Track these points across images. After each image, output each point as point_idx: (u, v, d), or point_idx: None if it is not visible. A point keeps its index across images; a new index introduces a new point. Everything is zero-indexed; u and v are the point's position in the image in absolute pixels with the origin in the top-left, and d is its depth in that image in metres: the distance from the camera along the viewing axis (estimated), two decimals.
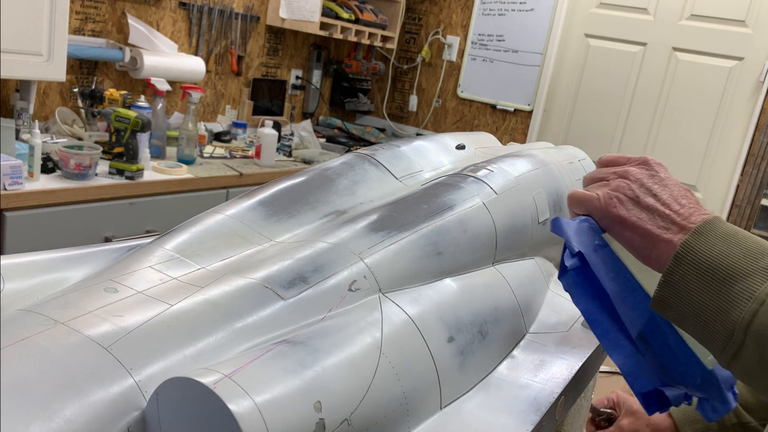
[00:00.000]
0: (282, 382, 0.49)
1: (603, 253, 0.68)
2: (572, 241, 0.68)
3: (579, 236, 0.68)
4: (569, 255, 0.69)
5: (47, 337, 0.50)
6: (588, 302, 0.69)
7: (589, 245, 0.68)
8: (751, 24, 2.91)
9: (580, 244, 0.68)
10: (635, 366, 0.68)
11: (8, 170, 1.81)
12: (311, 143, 3.18)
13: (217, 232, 0.73)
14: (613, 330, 0.69)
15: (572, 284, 0.69)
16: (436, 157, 1.04)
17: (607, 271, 0.68)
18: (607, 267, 0.68)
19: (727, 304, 0.53)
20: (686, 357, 0.68)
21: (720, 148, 3.02)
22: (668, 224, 0.60)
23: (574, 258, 0.68)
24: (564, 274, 0.69)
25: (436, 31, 3.73)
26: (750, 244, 0.55)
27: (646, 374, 0.68)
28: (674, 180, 0.64)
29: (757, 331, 0.51)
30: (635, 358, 0.68)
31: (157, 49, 2.67)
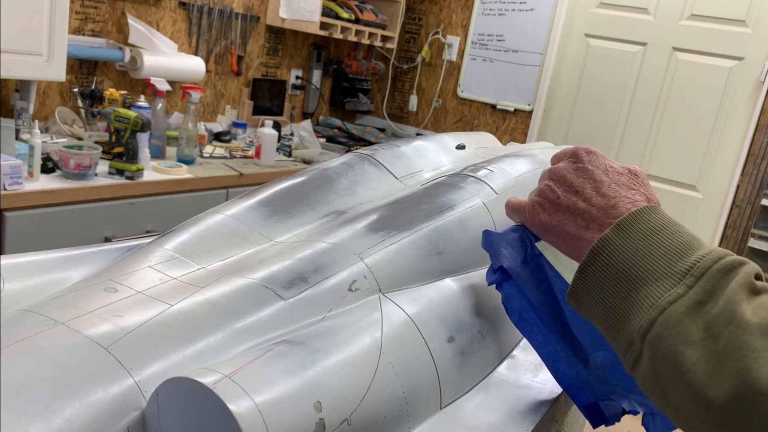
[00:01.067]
0: (282, 382, 0.49)
1: (534, 265, 0.66)
2: (499, 255, 0.66)
3: (509, 249, 0.66)
4: (491, 271, 0.68)
5: (47, 337, 0.50)
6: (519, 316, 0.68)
7: (517, 258, 0.65)
8: (751, 24, 2.91)
9: (508, 258, 0.66)
10: (574, 379, 0.67)
11: (8, 170, 1.81)
12: (311, 143, 3.18)
13: (217, 232, 0.73)
14: (550, 342, 0.67)
15: (505, 297, 0.68)
16: (436, 157, 1.04)
17: (538, 282, 0.66)
18: (538, 278, 0.66)
19: (632, 308, 0.48)
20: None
21: (720, 148, 3.02)
22: (588, 222, 0.55)
23: (496, 274, 0.67)
24: (499, 287, 0.68)
25: (436, 31, 3.73)
26: (674, 243, 0.49)
27: (586, 387, 0.67)
28: (606, 165, 0.58)
29: (652, 341, 0.46)
30: (575, 371, 0.67)
31: (157, 49, 2.67)
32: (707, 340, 0.43)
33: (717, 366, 0.42)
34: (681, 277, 0.47)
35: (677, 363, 0.44)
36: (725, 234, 2.99)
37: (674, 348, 0.45)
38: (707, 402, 0.42)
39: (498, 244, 0.66)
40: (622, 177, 0.57)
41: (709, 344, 0.43)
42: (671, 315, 0.46)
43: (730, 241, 2.98)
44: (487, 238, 0.68)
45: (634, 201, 0.54)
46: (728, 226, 2.99)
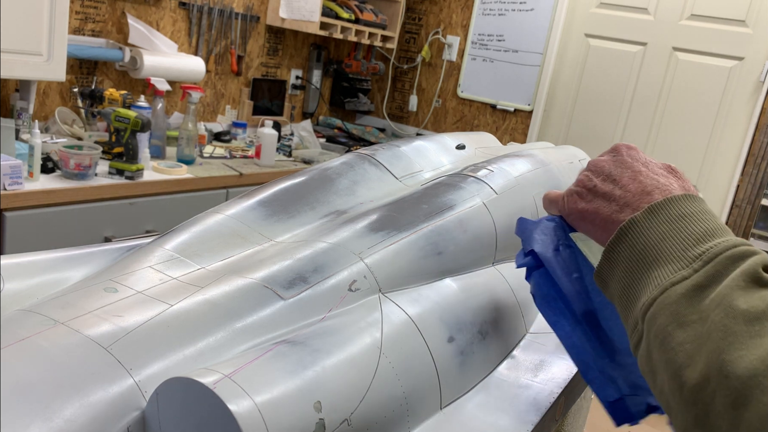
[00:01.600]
0: (282, 382, 0.49)
1: (567, 254, 0.66)
2: (531, 240, 0.66)
3: (542, 235, 0.66)
4: (522, 254, 0.67)
5: (47, 337, 0.50)
6: (547, 304, 0.67)
7: (550, 245, 0.66)
8: (751, 24, 2.91)
9: (541, 244, 0.66)
10: (599, 373, 0.65)
11: (8, 170, 1.81)
12: (311, 143, 3.18)
13: (217, 232, 0.73)
14: (575, 334, 0.66)
15: (534, 285, 0.67)
16: (436, 157, 1.03)
17: (569, 271, 0.65)
18: (569, 267, 0.65)
19: (642, 289, 0.49)
20: None
21: (720, 148, 3.02)
22: (622, 207, 0.55)
23: (527, 257, 0.67)
24: (529, 276, 0.68)
25: (436, 31, 3.73)
26: (697, 229, 0.49)
27: (612, 383, 0.65)
28: (645, 159, 0.59)
29: (649, 320, 0.47)
30: (601, 365, 0.65)
31: (157, 49, 2.67)
32: (697, 323, 0.43)
33: (697, 348, 0.42)
34: (691, 261, 0.47)
35: (664, 342, 0.44)
36: None
37: (664, 327, 0.45)
38: (681, 382, 0.42)
39: (532, 230, 0.67)
40: (661, 170, 0.58)
41: (698, 327, 0.43)
42: (669, 295, 0.46)
43: None
44: (521, 225, 0.68)
45: (670, 189, 0.54)
46: (728, 226, 2.98)
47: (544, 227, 0.66)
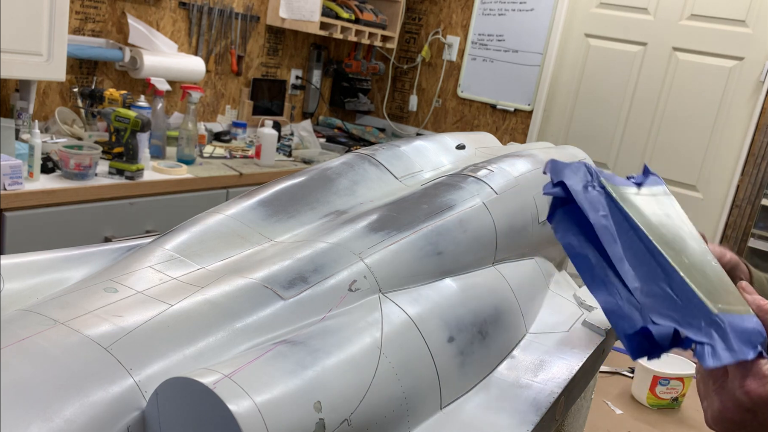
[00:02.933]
0: (282, 382, 0.49)
1: (596, 193, 0.66)
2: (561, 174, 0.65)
3: (572, 173, 0.66)
4: (550, 185, 0.66)
5: (47, 337, 0.50)
6: (573, 237, 0.65)
7: (580, 182, 0.65)
8: (751, 24, 2.91)
9: (570, 178, 0.65)
10: (620, 305, 0.62)
11: (8, 170, 1.81)
12: (311, 143, 3.18)
13: (217, 232, 0.73)
14: (599, 267, 0.63)
15: (559, 221, 0.65)
16: (436, 157, 1.03)
17: (597, 207, 0.65)
18: (597, 205, 0.65)
19: None
20: (687, 299, 0.62)
21: (720, 148, 3.02)
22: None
23: (556, 188, 0.65)
24: (553, 214, 0.66)
25: (436, 31, 3.73)
26: None
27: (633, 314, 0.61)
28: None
29: None
30: (622, 296, 0.62)
31: (157, 49, 2.67)
32: None
33: None
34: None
35: None
36: (725, 234, 2.99)
37: None
38: None
39: (562, 168, 0.66)
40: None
41: None
42: None
43: (730, 241, 2.98)
44: (552, 164, 0.67)
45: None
46: (728, 226, 2.98)
47: (575, 167, 0.66)
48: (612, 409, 1.48)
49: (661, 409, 1.53)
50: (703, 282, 0.65)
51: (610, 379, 1.62)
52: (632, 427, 1.42)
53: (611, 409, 1.47)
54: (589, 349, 0.83)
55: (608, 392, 1.55)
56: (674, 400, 1.54)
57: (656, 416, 1.49)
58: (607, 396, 1.53)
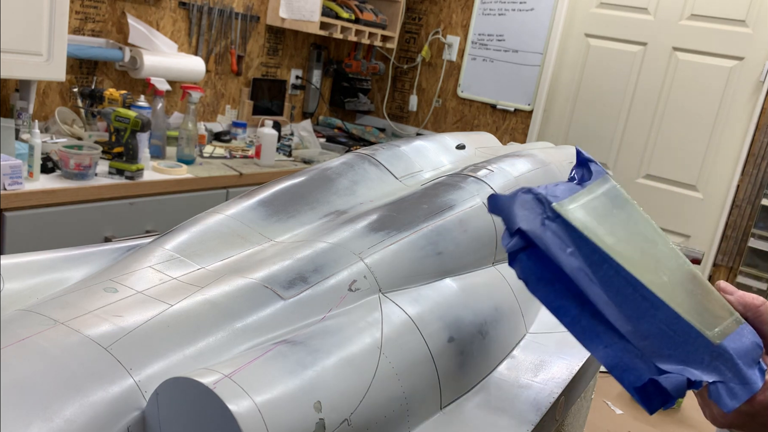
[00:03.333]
0: (282, 382, 0.49)
1: (555, 226, 0.58)
2: (513, 217, 0.58)
3: (522, 210, 0.59)
4: (507, 235, 0.59)
5: (47, 337, 0.50)
6: (546, 288, 0.58)
7: (535, 219, 0.58)
8: (751, 24, 2.91)
9: (525, 220, 0.58)
10: (620, 356, 0.57)
11: (8, 170, 1.81)
12: (311, 143, 3.18)
13: (217, 232, 0.73)
14: (584, 316, 0.58)
15: (525, 269, 0.59)
16: (436, 157, 1.03)
17: (563, 246, 0.58)
18: (562, 242, 0.58)
19: None
20: (684, 333, 0.58)
21: (720, 148, 3.02)
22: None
23: (514, 237, 0.58)
24: (513, 260, 0.59)
25: (436, 30, 3.73)
26: None
27: (636, 364, 0.57)
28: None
29: None
30: (619, 347, 0.57)
31: (157, 48, 2.67)
32: None
33: None
34: None
35: None
36: (725, 234, 2.99)
37: None
38: None
39: (509, 205, 0.59)
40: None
41: None
42: None
43: (730, 241, 2.98)
44: (494, 202, 0.60)
45: None
46: (728, 226, 2.98)
47: (522, 201, 0.59)
48: (612, 409, 1.48)
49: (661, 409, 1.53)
50: (690, 302, 0.60)
51: (610, 379, 1.62)
52: (632, 427, 1.42)
53: (611, 409, 1.47)
54: None
55: (608, 392, 1.55)
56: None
57: (656, 416, 1.49)
58: (607, 396, 1.53)
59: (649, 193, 3.19)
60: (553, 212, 0.59)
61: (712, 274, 3.05)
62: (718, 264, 3.02)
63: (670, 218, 3.13)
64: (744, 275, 2.93)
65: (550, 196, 0.59)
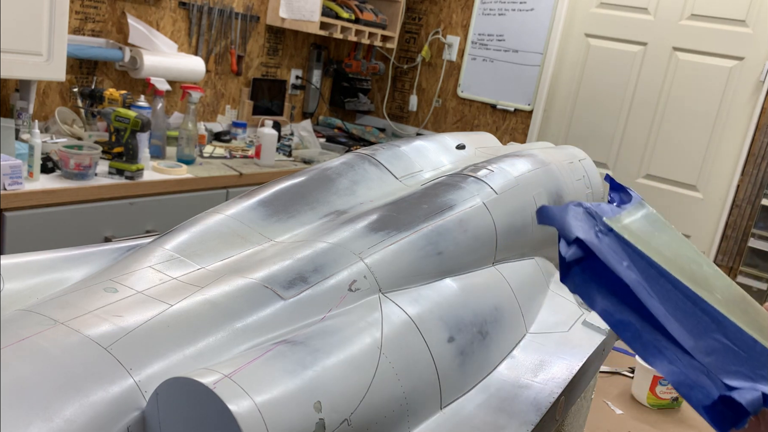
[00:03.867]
0: (282, 382, 0.49)
1: (609, 240, 0.56)
2: (568, 227, 0.56)
3: (576, 222, 0.57)
4: (565, 244, 0.56)
5: (47, 337, 0.50)
6: (605, 301, 0.55)
7: (589, 231, 0.56)
8: (751, 24, 2.91)
9: (581, 229, 0.56)
10: (685, 373, 0.53)
11: (8, 170, 1.81)
12: (311, 143, 3.18)
13: (217, 232, 0.73)
14: (646, 331, 0.54)
15: (580, 284, 0.56)
16: (436, 157, 1.03)
17: (619, 259, 0.55)
18: (617, 255, 0.56)
19: None
20: (749, 348, 0.55)
21: (720, 148, 3.02)
22: None
23: (572, 246, 0.56)
24: (567, 273, 0.56)
25: (436, 30, 3.73)
26: None
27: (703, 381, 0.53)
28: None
29: None
30: (683, 363, 0.54)
31: (157, 48, 2.67)
32: None
33: None
34: None
35: None
36: (725, 234, 2.99)
37: None
38: None
39: (563, 216, 0.57)
40: None
41: None
42: None
43: (730, 241, 2.98)
44: (545, 212, 0.58)
45: None
46: (728, 226, 2.98)
47: (574, 213, 0.57)
48: (612, 409, 1.48)
49: (661, 409, 1.53)
50: (746, 318, 0.58)
51: (610, 379, 1.62)
52: (632, 427, 1.42)
53: (611, 409, 1.47)
54: (589, 349, 0.83)
55: (608, 392, 1.55)
56: (674, 400, 1.54)
57: (656, 416, 1.49)
58: (607, 396, 1.53)
59: (649, 193, 3.19)
60: (605, 226, 0.57)
61: None
62: (718, 264, 3.02)
63: (670, 218, 3.11)
64: (744, 275, 2.93)
65: (600, 212, 0.58)
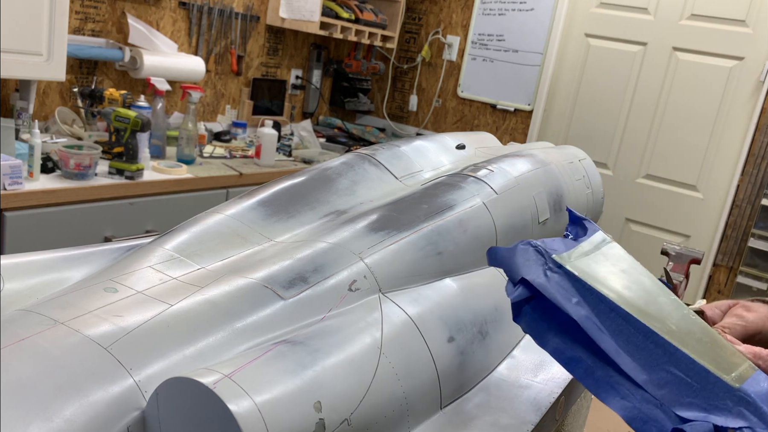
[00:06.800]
0: (282, 382, 0.49)
1: (558, 277, 0.57)
2: (515, 267, 0.57)
3: (524, 261, 0.58)
4: (512, 286, 0.58)
5: (47, 337, 0.50)
6: (556, 339, 0.57)
7: (538, 270, 0.57)
8: (751, 24, 2.91)
9: (527, 271, 0.57)
10: (638, 408, 0.54)
11: (8, 170, 1.81)
12: (311, 143, 3.18)
13: (217, 232, 0.73)
14: (597, 367, 0.56)
15: (531, 323, 0.57)
16: (436, 156, 1.03)
17: (568, 296, 0.56)
18: (566, 291, 0.57)
19: None
20: (702, 379, 0.55)
21: (720, 148, 3.02)
22: None
23: (518, 288, 0.57)
24: (519, 314, 0.58)
25: (436, 30, 3.73)
26: None
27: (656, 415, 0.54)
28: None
29: None
30: (636, 397, 0.55)
31: (157, 48, 2.67)
32: None
33: None
34: None
35: None
36: (725, 234, 2.99)
37: None
38: None
39: (510, 256, 0.59)
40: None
41: None
42: None
43: (730, 241, 2.98)
44: (494, 255, 0.60)
45: None
46: (728, 226, 2.98)
47: (522, 252, 0.59)
48: None
49: None
50: (702, 348, 0.58)
51: None
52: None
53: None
54: None
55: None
56: None
57: None
58: None
59: (649, 193, 3.19)
60: (554, 263, 0.58)
61: (712, 274, 3.05)
62: (718, 264, 3.02)
63: (670, 218, 3.13)
64: (744, 275, 2.93)
65: (549, 249, 0.59)
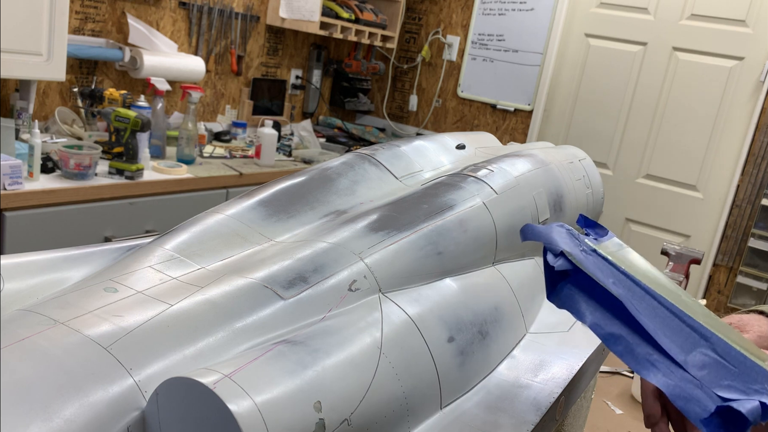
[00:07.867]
0: (282, 382, 0.49)
1: (593, 259, 0.58)
2: (554, 242, 0.57)
3: (561, 237, 0.58)
4: (552, 256, 0.58)
5: (47, 337, 0.50)
6: (595, 316, 0.56)
7: (575, 248, 0.58)
8: (751, 24, 2.91)
9: (566, 246, 0.58)
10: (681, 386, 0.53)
11: (8, 170, 1.81)
12: (311, 143, 3.18)
13: (217, 231, 0.73)
14: (637, 345, 0.55)
15: (567, 298, 0.57)
16: (436, 156, 1.03)
17: (605, 275, 0.57)
18: (602, 273, 0.57)
19: None
20: (740, 363, 0.55)
21: (720, 148, 3.02)
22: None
23: (560, 258, 0.57)
24: (554, 290, 0.58)
25: (436, 30, 3.73)
26: None
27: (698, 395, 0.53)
28: None
29: None
30: (677, 376, 0.54)
31: (157, 48, 2.67)
32: None
33: None
34: None
35: None
36: (725, 234, 2.99)
37: None
38: None
39: (548, 232, 0.59)
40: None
41: None
42: None
43: (730, 241, 2.98)
44: (531, 229, 0.60)
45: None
46: (728, 226, 2.98)
47: (557, 231, 0.59)
48: (612, 409, 1.48)
49: None
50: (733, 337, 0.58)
51: (610, 379, 1.62)
52: (632, 427, 1.42)
53: (611, 409, 1.47)
54: (589, 349, 0.83)
55: (608, 392, 1.55)
56: None
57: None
58: (607, 396, 1.53)
59: (649, 193, 3.19)
60: (588, 246, 0.59)
61: (712, 274, 3.05)
62: (718, 264, 3.02)
63: (670, 218, 3.13)
64: (744, 275, 2.93)
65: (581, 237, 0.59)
